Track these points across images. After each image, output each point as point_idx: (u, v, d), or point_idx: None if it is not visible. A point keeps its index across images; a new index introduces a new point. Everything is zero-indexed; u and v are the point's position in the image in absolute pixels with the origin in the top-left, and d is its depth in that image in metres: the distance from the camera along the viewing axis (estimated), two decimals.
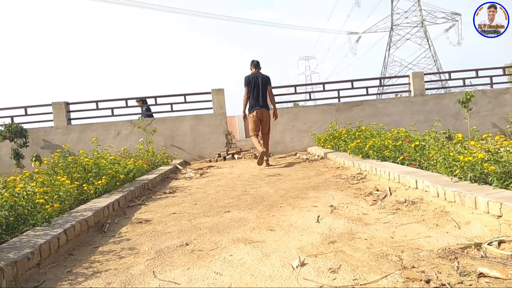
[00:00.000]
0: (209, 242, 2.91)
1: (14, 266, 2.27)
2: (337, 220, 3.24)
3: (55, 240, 2.80)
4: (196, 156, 10.50)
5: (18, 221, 3.08)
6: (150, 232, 3.37)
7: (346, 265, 2.23)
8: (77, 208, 3.84)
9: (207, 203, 4.47)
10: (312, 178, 5.77)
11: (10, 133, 9.63)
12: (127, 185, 5.42)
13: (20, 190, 3.30)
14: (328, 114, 10.56)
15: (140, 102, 10.90)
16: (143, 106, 10.94)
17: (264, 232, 3.06)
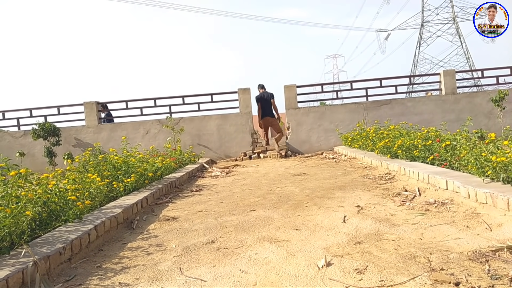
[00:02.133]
0: (234, 240, 2.94)
1: (47, 260, 2.35)
2: (364, 220, 3.20)
3: (86, 236, 2.89)
4: (222, 155, 10.59)
5: (50, 217, 3.20)
6: (177, 229, 3.42)
7: (373, 266, 2.21)
8: (107, 205, 3.95)
9: (232, 201, 4.51)
10: (338, 177, 5.72)
11: (43, 131, 9.99)
12: (155, 183, 5.53)
13: (53, 187, 3.42)
14: (356, 113, 10.43)
15: (101, 107, 11.29)
16: (104, 111, 11.32)
17: (289, 231, 3.06)
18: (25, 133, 10.83)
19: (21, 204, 2.80)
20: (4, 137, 11.00)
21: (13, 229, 2.54)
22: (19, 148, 10.52)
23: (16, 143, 10.83)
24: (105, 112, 11.36)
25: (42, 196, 3.09)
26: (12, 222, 2.54)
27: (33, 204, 2.95)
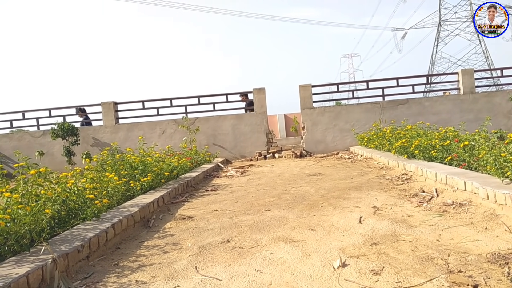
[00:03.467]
0: (249, 239, 2.94)
1: (65, 257, 2.40)
2: (380, 221, 3.17)
3: (104, 234, 2.93)
4: (237, 155, 10.61)
5: (69, 215, 3.26)
6: (193, 228, 3.45)
7: (389, 267, 2.18)
8: (124, 204, 4.00)
9: (248, 201, 4.52)
10: (354, 178, 5.68)
11: (62, 131, 10.17)
12: (171, 182, 5.58)
13: (72, 185, 3.48)
14: (372, 113, 10.33)
15: (79, 111, 11.45)
16: (82, 115, 11.47)
17: (304, 231, 3.05)
18: (44, 133, 11.04)
19: (41, 202, 2.85)
20: (24, 137, 11.23)
21: (33, 227, 2.59)
22: (39, 147, 10.74)
23: (35, 142, 11.05)
24: (83, 116, 11.60)
25: (61, 195, 3.15)
26: (32, 220, 2.59)
27: (52, 202, 3.01)
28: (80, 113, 11.46)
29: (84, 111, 11.56)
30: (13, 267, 2.14)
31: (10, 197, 2.74)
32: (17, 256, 2.35)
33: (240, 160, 10.39)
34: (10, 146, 11.06)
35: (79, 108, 11.46)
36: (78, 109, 11.45)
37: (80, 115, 11.48)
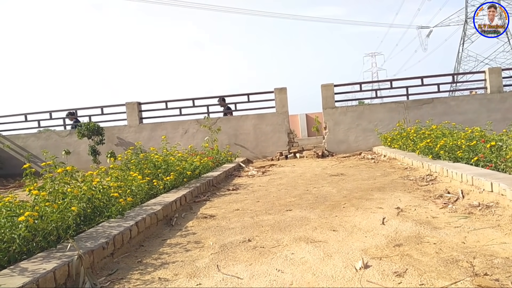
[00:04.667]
0: (271, 239, 2.95)
1: (91, 254, 2.46)
2: (403, 222, 3.12)
3: (128, 232, 2.98)
4: (258, 155, 10.62)
5: (94, 212, 3.33)
6: (214, 227, 3.47)
7: (413, 269, 2.15)
8: (147, 202, 4.06)
9: (269, 201, 4.52)
10: (377, 178, 5.60)
11: (88, 131, 10.41)
12: (193, 181, 5.63)
13: (97, 184, 3.56)
14: (396, 112, 10.17)
15: (69, 115, 11.70)
16: (72, 119, 11.72)
17: (326, 232, 3.03)
18: (70, 132, 11.32)
19: (67, 200, 2.93)
20: (51, 136, 11.55)
21: (60, 224, 2.66)
22: (65, 146, 11.02)
23: (62, 142, 11.35)
24: (73, 119, 11.85)
25: (87, 193, 3.22)
26: (58, 217, 2.66)
27: (78, 200, 3.09)
28: (70, 117, 11.78)
29: (74, 114, 11.87)
30: (41, 262, 2.21)
31: (38, 194, 2.82)
32: (45, 252, 2.42)
33: (261, 160, 10.40)
34: (38, 145, 11.40)
35: (69, 112, 11.81)
36: (68, 113, 11.79)
37: (70, 118, 11.81)
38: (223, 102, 11.27)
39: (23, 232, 2.37)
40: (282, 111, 10.64)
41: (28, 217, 2.38)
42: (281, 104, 10.65)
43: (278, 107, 10.68)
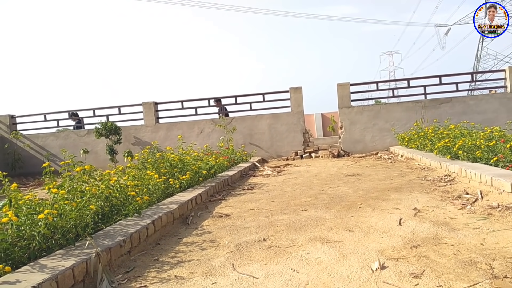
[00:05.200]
0: (286, 239, 2.94)
1: (108, 252, 2.49)
2: (421, 223, 3.08)
3: (144, 230, 3.02)
4: (273, 154, 10.62)
5: (112, 211, 3.38)
6: (229, 226, 3.49)
7: (430, 270, 2.12)
8: (163, 201, 4.10)
9: (284, 200, 4.51)
10: (394, 179, 5.54)
11: (105, 130, 10.57)
12: (209, 180, 5.66)
13: (114, 183, 3.61)
14: (413, 112, 10.04)
15: (72, 116, 11.92)
16: (74, 119, 11.94)
17: (342, 232, 3.01)
18: (88, 132, 11.50)
19: (86, 199, 2.98)
20: (70, 136, 11.75)
21: (78, 222, 2.71)
22: (83, 146, 11.21)
23: (80, 141, 11.54)
24: (75, 119, 11.99)
25: (105, 191, 3.27)
26: (77, 215, 2.71)
27: (96, 198, 3.14)
28: (72, 117, 11.97)
29: (77, 115, 12.06)
30: (60, 259, 2.25)
31: (57, 193, 2.88)
32: (63, 250, 2.47)
33: (276, 160, 10.39)
34: (57, 145, 11.62)
35: (72, 113, 12.02)
36: (70, 113, 12.00)
37: (72, 119, 12.00)
38: (218, 103, 11.34)
39: (43, 229, 2.42)
40: (298, 110, 10.61)
41: (47, 215, 2.43)
42: (297, 104, 10.62)
43: (293, 106, 10.65)
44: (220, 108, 11.39)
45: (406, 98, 10.53)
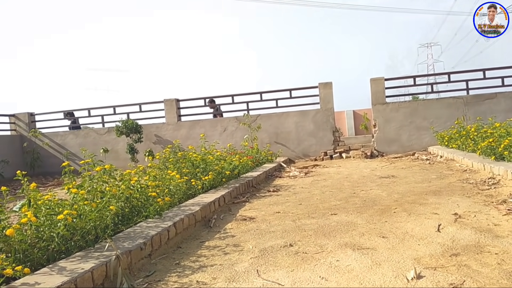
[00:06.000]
0: (314, 244, 2.93)
1: (128, 255, 2.55)
2: (462, 230, 3.00)
3: (165, 233, 3.07)
4: (300, 154, 10.58)
5: (132, 212, 3.45)
6: (254, 230, 3.50)
7: (471, 281, 2.07)
8: (185, 203, 4.16)
9: (312, 203, 4.49)
10: (432, 181, 5.43)
11: (126, 128, 10.79)
12: (232, 181, 5.70)
13: (135, 183, 3.68)
14: (454, 109, 9.79)
15: (67, 115, 12.19)
16: (70, 119, 12.22)
17: (374, 238, 2.97)
18: (109, 130, 11.77)
19: (106, 199, 3.06)
20: (90, 134, 12.07)
21: (98, 223, 2.78)
22: (103, 144, 11.48)
23: (100, 139, 11.83)
24: (71, 119, 12.19)
25: (125, 192, 3.34)
26: (97, 216, 2.78)
27: (117, 199, 3.21)
28: (68, 117, 12.23)
29: (73, 115, 12.30)
30: (79, 262, 2.32)
31: (77, 193, 2.96)
32: (83, 252, 2.54)
33: (303, 160, 10.35)
34: (76, 143, 11.94)
35: (67, 112, 12.28)
36: (66, 113, 12.27)
37: (68, 118, 12.26)
38: (212, 104, 11.39)
39: (62, 230, 2.49)
40: (327, 107, 10.52)
41: (66, 216, 2.51)
42: (326, 100, 10.54)
43: (322, 103, 10.58)
44: (215, 109, 11.47)
45: (447, 94, 10.29)
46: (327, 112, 10.52)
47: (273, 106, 11.02)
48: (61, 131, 12.38)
